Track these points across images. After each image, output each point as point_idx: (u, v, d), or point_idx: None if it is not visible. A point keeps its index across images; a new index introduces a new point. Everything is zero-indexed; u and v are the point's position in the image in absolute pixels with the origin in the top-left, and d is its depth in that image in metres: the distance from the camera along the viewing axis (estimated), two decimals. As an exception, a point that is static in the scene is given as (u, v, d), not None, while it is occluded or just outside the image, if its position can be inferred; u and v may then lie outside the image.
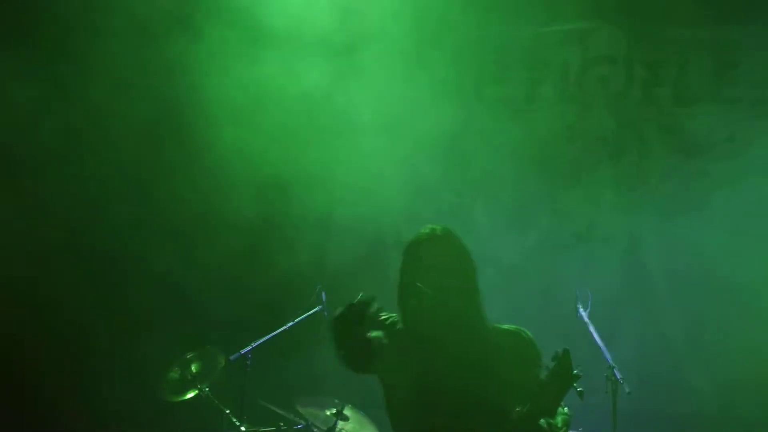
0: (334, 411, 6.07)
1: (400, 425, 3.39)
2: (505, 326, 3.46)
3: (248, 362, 5.70)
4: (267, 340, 5.76)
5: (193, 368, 5.95)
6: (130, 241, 6.72)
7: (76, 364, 6.41)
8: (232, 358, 5.64)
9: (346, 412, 6.04)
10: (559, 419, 3.29)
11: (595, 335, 5.27)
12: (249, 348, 5.64)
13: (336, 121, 7.01)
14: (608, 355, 5.18)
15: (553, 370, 3.14)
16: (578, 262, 6.97)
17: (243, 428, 5.67)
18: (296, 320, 5.87)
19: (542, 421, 3.20)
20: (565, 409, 3.39)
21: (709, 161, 6.78)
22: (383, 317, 3.40)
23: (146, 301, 6.52)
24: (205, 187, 6.82)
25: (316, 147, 6.92)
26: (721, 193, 6.62)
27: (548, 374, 3.14)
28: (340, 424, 6.04)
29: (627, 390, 5.09)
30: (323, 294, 6.06)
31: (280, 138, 6.71)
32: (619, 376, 5.11)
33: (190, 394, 5.96)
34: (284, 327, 5.84)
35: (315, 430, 5.86)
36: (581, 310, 5.43)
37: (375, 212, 7.02)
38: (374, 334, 3.34)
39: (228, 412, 5.88)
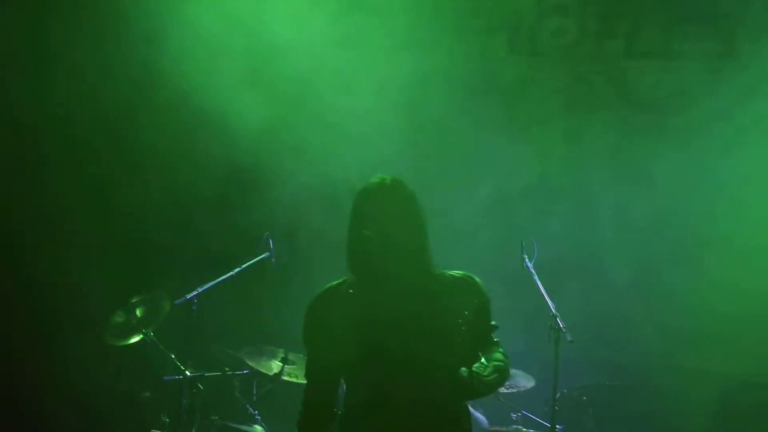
0: (280, 358, 6.10)
1: (349, 369, 3.38)
2: (454, 271, 3.47)
3: (194, 308, 5.65)
4: (213, 285, 5.70)
5: (138, 312, 5.91)
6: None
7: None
8: (177, 302, 5.59)
9: (291, 357, 6.07)
10: (489, 369, 3.28)
11: (539, 285, 5.30)
12: (194, 293, 5.59)
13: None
14: (552, 304, 5.22)
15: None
16: (528, 214, 7.01)
17: (188, 372, 5.64)
18: (243, 266, 5.83)
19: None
20: (499, 354, 3.38)
21: (658, 114, 6.82)
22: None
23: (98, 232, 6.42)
24: (177, 130, 6.76)
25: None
26: (670, 146, 6.67)
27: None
28: (287, 369, 6.07)
29: (569, 339, 5.13)
30: (270, 241, 6.02)
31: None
32: (561, 324, 5.15)
33: (135, 339, 5.93)
34: (230, 273, 5.79)
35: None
36: (526, 260, 5.45)
37: (326, 162, 6.99)
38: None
39: (173, 356, 5.87)
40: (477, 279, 3.46)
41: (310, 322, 3.45)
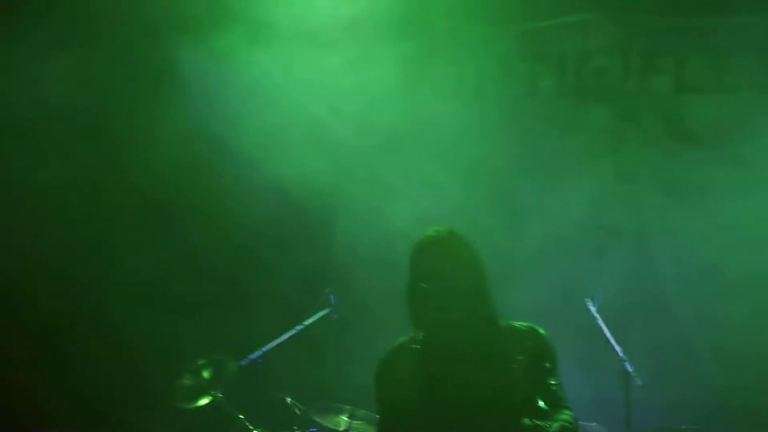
0: (347, 414, 6.10)
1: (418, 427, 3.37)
2: (519, 323, 3.46)
3: (259, 367, 5.68)
4: (276, 344, 5.74)
5: (205, 374, 5.95)
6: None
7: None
8: (242, 363, 5.63)
9: (358, 413, 6.06)
10: (555, 426, 3.26)
11: (605, 329, 5.27)
12: (259, 353, 5.63)
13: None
14: (619, 349, 5.18)
15: None
16: (585, 255, 6.98)
17: (257, 432, 5.67)
18: (305, 323, 5.86)
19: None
20: (566, 415, 3.35)
21: (710, 149, 6.77)
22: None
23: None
24: (213, 185, 6.84)
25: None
26: (724, 181, 6.62)
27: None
28: (354, 424, 6.07)
29: (639, 382, 5.08)
30: (332, 297, 6.06)
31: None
32: (630, 369, 5.11)
33: (204, 401, 5.97)
34: (293, 331, 5.83)
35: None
36: (590, 305, 5.42)
37: (381, 213, 7.05)
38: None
39: (242, 417, 5.90)
40: (542, 331, 3.44)
41: (381, 381, 3.47)
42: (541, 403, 3.20)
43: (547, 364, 3.37)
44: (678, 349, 6.70)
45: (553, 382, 3.35)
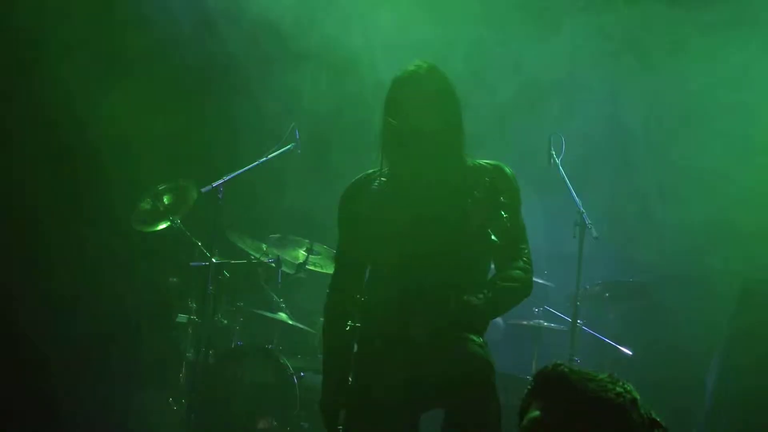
0: (305, 248, 6.17)
1: (378, 255, 3.39)
2: (486, 161, 3.44)
3: (220, 196, 5.67)
4: (239, 174, 5.71)
5: (165, 200, 5.96)
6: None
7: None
8: (203, 189, 5.61)
9: (316, 247, 6.12)
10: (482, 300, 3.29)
11: (567, 181, 5.27)
12: (221, 181, 5.60)
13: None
14: (578, 201, 5.20)
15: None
16: (556, 110, 6.94)
17: (214, 260, 5.72)
18: (269, 156, 5.82)
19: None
20: (517, 272, 3.33)
21: (691, 9, 6.63)
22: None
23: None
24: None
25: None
26: (703, 42, 6.51)
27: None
28: (312, 258, 6.14)
29: (594, 234, 5.13)
30: (296, 132, 5.99)
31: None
32: (588, 221, 5.15)
33: (162, 225, 6.00)
34: (256, 162, 5.79)
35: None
36: (554, 156, 5.40)
37: (353, 49, 6.91)
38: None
39: (200, 244, 5.94)
40: (507, 169, 3.41)
41: (343, 207, 3.52)
42: (494, 237, 3.18)
43: (502, 198, 3.29)
44: (638, 213, 6.75)
45: (505, 215, 3.27)
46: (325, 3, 6.94)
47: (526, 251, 3.38)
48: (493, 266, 3.41)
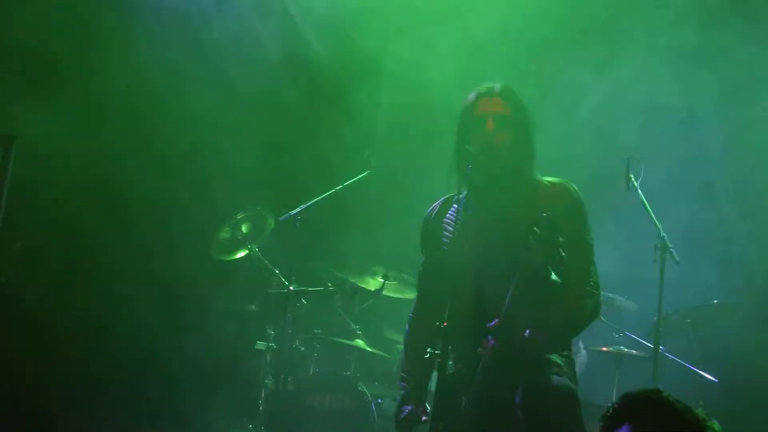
0: (381, 275, 6.19)
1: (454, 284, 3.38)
2: (551, 179, 3.43)
3: (297, 224, 5.72)
4: (315, 202, 5.76)
5: (244, 228, 6.06)
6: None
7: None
8: (281, 218, 5.68)
9: (391, 274, 6.15)
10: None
11: (647, 205, 5.17)
12: (298, 210, 5.66)
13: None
14: (658, 225, 5.10)
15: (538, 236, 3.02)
16: (634, 132, 6.85)
17: (292, 287, 5.77)
18: (344, 184, 5.86)
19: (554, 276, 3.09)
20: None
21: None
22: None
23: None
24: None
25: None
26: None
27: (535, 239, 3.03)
28: (387, 284, 6.17)
29: (676, 259, 5.02)
30: (371, 158, 6.03)
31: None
32: (669, 245, 5.04)
33: (241, 254, 6.09)
34: (332, 190, 5.83)
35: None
36: (633, 179, 5.30)
37: (425, 80, 6.96)
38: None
39: (277, 272, 6.01)
40: (572, 186, 3.39)
41: (424, 233, 3.62)
42: (554, 277, 3.11)
43: (566, 222, 3.18)
44: (718, 233, 6.60)
45: (563, 244, 3.10)
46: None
47: (592, 272, 3.33)
48: None
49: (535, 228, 3.02)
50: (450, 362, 3.20)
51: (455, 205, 3.49)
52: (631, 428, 1.95)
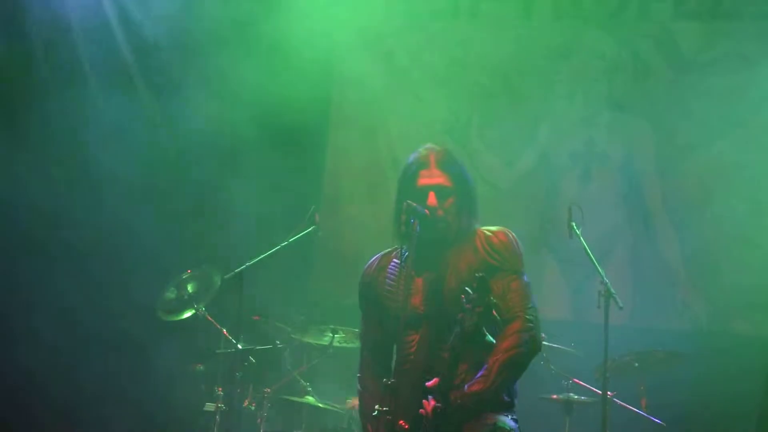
0: (329, 330, 6.16)
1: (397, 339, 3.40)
2: (490, 228, 3.47)
3: (242, 282, 5.67)
4: (260, 259, 5.73)
5: (189, 288, 5.99)
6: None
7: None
8: (226, 277, 5.64)
9: (340, 329, 6.13)
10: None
11: (588, 252, 5.24)
12: (243, 267, 5.63)
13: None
14: (601, 270, 5.17)
15: (472, 298, 3.08)
16: (575, 181, 6.97)
17: (240, 346, 5.71)
18: (290, 240, 5.84)
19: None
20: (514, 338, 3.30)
21: (707, 76, 6.70)
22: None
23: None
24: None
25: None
26: (721, 109, 6.56)
27: (468, 302, 3.10)
28: (336, 338, 6.14)
29: (620, 305, 5.08)
30: (316, 215, 6.03)
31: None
32: (612, 291, 5.11)
33: (187, 314, 6.02)
34: (277, 247, 5.81)
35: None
36: (574, 226, 5.38)
37: (368, 135, 7.02)
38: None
39: (224, 331, 5.94)
40: (509, 234, 3.44)
41: (362, 290, 3.62)
42: (489, 338, 3.18)
43: (508, 262, 3.35)
44: (661, 279, 6.71)
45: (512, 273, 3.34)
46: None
47: (529, 308, 3.35)
48: None
49: (467, 290, 3.08)
50: (399, 422, 3.22)
51: (395, 260, 3.52)
52: None
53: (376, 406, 3.22)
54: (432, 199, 3.39)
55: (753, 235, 6.46)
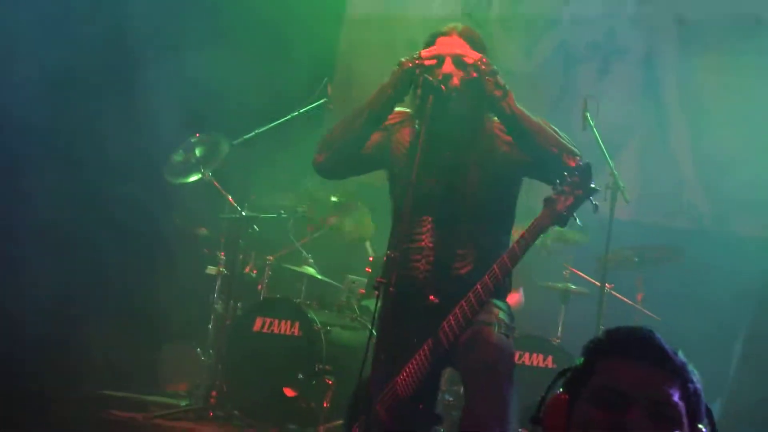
0: (332, 202, 6.19)
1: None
2: None
3: (251, 150, 5.66)
4: (269, 128, 5.70)
5: (197, 152, 5.98)
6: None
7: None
8: (234, 142, 5.63)
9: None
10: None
11: (601, 143, 5.20)
12: (252, 134, 5.60)
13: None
14: (611, 163, 5.15)
15: (572, 180, 3.11)
16: (592, 73, 6.87)
17: (243, 213, 5.74)
18: (300, 111, 5.79)
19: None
20: None
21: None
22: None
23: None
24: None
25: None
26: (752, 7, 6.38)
27: (567, 183, 3.11)
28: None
29: (626, 199, 5.09)
30: (329, 87, 5.96)
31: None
32: (621, 183, 5.10)
33: (193, 177, 6.03)
34: (287, 117, 5.77)
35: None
36: (589, 117, 5.32)
37: (384, 14, 6.88)
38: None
39: (230, 197, 5.97)
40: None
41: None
42: None
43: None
44: (669, 177, 6.68)
45: None
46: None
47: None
48: None
49: (566, 173, 3.13)
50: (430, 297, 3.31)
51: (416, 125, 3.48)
52: (614, 362, 1.73)
53: (376, 278, 3.26)
54: (449, 65, 3.34)
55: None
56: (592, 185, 3.12)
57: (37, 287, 5.83)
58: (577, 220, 4.86)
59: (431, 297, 3.29)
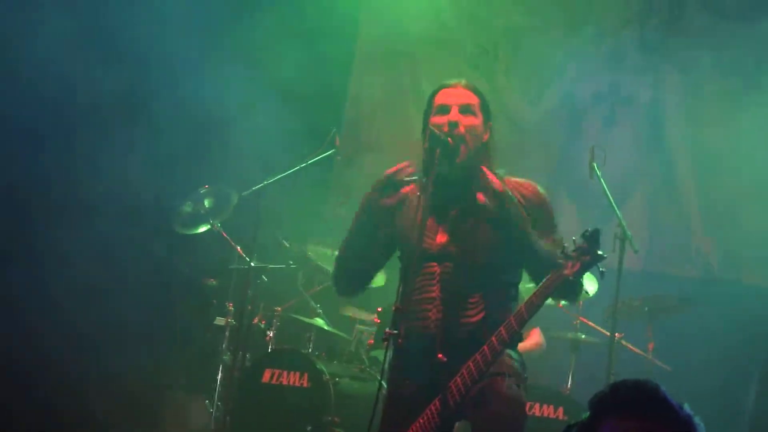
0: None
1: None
2: (518, 177, 3.48)
3: (260, 201, 5.68)
4: (279, 179, 5.73)
5: (206, 203, 6.02)
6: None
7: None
8: (244, 194, 5.66)
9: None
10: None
11: (608, 193, 5.21)
12: (261, 185, 5.64)
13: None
14: (619, 213, 5.15)
15: (580, 246, 3.11)
16: (597, 123, 6.91)
17: (253, 263, 5.75)
18: (308, 162, 5.83)
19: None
20: None
21: (747, 26, 6.55)
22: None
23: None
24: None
25: None
26: (757, 61, 6.43)
27: (575, 249, 3.12)
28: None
29: (635, 248, 5.08)
30: (337, 138, 6.00)
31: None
32: (629, 234, 5.09)
33: (202, 228, 6.05)
34: (295, 168, 5.80)
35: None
36: (596, 167, 5.33)
37: (392, 64, 6.94)
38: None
39: (238, 247, 5.98)
40: (541, 189, 3.47)
41: (371, 201, 3.51)
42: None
43: (544, 222, 3.39)
44: (677, 226, 6.67)
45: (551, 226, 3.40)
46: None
47: None
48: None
49: (574, 238, 3.10)
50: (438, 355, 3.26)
51: (409, 178, 3.46)
52: (618, 420, 1.73)
53: (386, 330, 3.24)
54: (455, 114, 3.37)
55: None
56: (600, 252, 3.11)
57: (42, 337, 5.84)
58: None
59: (440, 355, 3.26)
